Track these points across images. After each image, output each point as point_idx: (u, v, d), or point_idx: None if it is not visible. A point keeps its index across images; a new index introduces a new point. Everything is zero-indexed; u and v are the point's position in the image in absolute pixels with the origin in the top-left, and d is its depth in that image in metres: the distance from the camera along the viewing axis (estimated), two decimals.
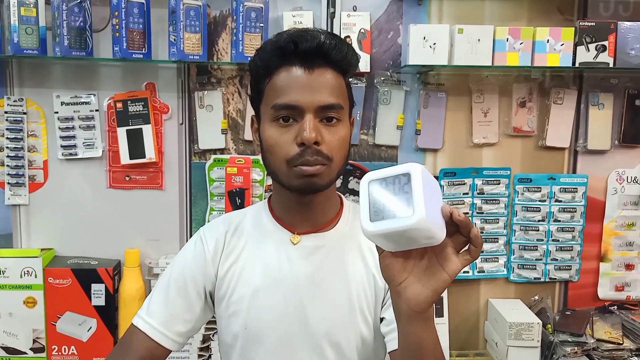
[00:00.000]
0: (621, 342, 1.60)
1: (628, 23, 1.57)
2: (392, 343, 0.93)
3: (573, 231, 1.74)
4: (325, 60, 0.91)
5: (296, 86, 0.89)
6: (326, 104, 0.89)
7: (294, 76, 0.90)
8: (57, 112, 1.63)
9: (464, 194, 1.72)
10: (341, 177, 1.68)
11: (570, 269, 1.75)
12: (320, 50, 0.90)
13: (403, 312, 0.72)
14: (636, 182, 1.75)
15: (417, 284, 0.69)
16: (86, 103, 1.63)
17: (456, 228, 0.68)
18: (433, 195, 0.66)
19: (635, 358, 1.60)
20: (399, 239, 0.66)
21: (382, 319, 0.98)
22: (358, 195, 1.95)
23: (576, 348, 1.57)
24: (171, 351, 0.99)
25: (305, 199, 0.96)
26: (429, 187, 0.66)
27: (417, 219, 0.62)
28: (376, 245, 0.72)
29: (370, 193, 0.68)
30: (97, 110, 1.64)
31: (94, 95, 1.64)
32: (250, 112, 1.65)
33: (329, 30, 1.61)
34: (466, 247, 0.69)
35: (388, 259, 0.71)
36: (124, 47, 1.50)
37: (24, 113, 1.63)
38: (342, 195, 1.07)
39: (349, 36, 1.62)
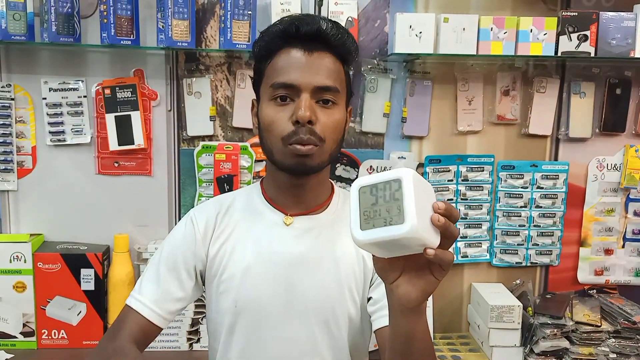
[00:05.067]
0: (599, 325, 1.65)
1: (610, 13, 1.60)
2: (378, 321, 0.96)
3: (554, 217, 1.78)
4: (325, 44, 0.94)
5: (295, 66, 0.92)
6: (323, 85, 0.92)
7: (294, 57, 0.93)
8: (45, 98, 1.64)
9: (448, 180, 1.76)
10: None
11: (551, 254, 1.80)
12: (320, 34, 0.93)
13: (395, 306, 0.74)
14: (616, 169, 1.79)
15: (408, 284, 0.70)
16: (74, 89, 1.64)
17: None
18: (425, 201, 0.64)
19: (613, 340, 1.64)
20: (391, 246, 0.64)
21: (369, 299, 1.01)
22: (345, 182, 1.95)
23: (555, 330, 1.61)
24: (161, 329, 1.01)
25: (299, 180, 0.98)
26: (421, 192, 0.63)
27: (409, 228, 0.60)
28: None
29: (360, 200, 0.65)
30: (85, 97, 1.65)
31: (82, 81, 1.64)
32: (238, 99, 1.68)
33: None
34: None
35: (381, 262, 0.71)
36: (112, 34, 1.51)
37: (12, 99, 1.63)
38: (333, 182, 1.09)
39: None
